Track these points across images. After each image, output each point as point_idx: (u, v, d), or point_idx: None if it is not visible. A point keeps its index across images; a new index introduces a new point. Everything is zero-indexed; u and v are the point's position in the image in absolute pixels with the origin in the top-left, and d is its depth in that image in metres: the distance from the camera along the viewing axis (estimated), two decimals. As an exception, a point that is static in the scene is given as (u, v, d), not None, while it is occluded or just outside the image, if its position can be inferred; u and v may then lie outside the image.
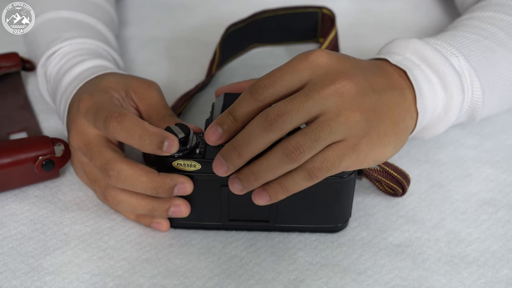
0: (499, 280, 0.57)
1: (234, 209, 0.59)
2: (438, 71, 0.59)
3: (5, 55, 0.74)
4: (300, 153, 0.51)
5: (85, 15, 0.73)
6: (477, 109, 0.63)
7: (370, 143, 0.53)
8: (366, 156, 0.54)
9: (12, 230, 0.61)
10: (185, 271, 0.57)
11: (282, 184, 0.53)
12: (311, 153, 0.51)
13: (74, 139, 0.59)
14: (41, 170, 0.62)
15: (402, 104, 0.56)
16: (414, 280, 0.57)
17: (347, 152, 0.52)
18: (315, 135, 0.51)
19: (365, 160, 0.54)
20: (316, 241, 0.60)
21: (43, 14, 0.72)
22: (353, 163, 0.53)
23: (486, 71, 0.63)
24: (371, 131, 0.53)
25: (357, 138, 0.53)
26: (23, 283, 0.56)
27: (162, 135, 0.54)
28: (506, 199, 0.64)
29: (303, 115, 0.51)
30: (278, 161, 0.51)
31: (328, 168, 0.52)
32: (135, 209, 0.58)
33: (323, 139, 0.51)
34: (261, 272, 0.57)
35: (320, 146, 0.51)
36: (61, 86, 0.65)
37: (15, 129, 0.71)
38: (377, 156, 0.55)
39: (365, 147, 0.53)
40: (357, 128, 0.52)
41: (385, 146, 0.55)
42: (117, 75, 0.63)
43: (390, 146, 0.55)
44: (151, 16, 0.90)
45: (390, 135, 0.55)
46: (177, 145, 0.55)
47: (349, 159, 0.53)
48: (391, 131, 0.55)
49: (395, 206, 0.63)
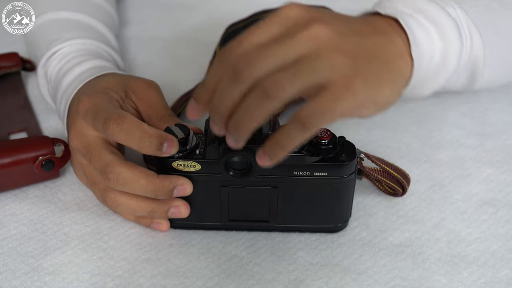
0: (499, 280, 0.57)
1: (234, 209, 0.59)
2: (434, 19, 0.57)
3: (5, 55, 0.75)
4: (278, 87, 0.46)
5: (85, 16, 0.73)
6: (478, 66, 0.61)
7: (366, 82, 0.49)
8: (365, 97, 0.49)
9: (12, 230, 0.61)
10: (185, 271, 0.57)
11: (278, 141, 0.49)
12: (292, 89, 0.47)
13: (73, 141, 0.59)
14: (41, 170, 0.62)
15: (390, 48, 0.54)
16: (414, 280, 0.57)
17: (341, 94, 0.48)
18: (293, 69, 0.47)
19: (364, 103, 0.49)
20: (316, 241, 0.60)
21: (43, 15, 0.73)
22: (351, 106, 0.48)
23: (485, 24, 0.61)
24: (363, 70, 0.49)
25: (347, 77, 0.48)
26: (23, 283, 0.56)
27: (161, 137, 0.54)
28: (506, 199, 0.64)
29: (275, 61, 0.47)
30: (256, 101, 0.47)
31: (323, 113, 0.47)
32: (135, 211, 0.58)
33: (304, 75, 0.47)
34: (261, 272, 0.57)
35: (301, 82, 0.47)
36: (61, 87, 0.65)
37: (15, 129, 0.71)
38: (376, 97, 0.50)
39: (360, 87, 0.48)
40: (343, 66, 0.48)
41: (382, 87, 0.51)
42: (116, 75, 0.63)
43: (387, 88, 0.51)
44: (151, 16, 0.90)
45: (384, 74, 0.51)
46: (176, 146, 0.54)
47: (346, 102, 0.48)
48: (383, 71, 0.51)
49: (395, 206, 0.63)
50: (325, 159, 0.55)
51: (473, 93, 0.77)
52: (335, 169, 0.56)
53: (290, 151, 0.49)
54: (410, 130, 0.72)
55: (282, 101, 0.47)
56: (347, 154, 0.56)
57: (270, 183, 0.57)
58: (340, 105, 0.48)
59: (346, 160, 0.56)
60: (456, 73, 0.62)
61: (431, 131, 0.72)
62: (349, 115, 0.50)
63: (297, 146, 0.49)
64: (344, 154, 0.56)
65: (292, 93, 0.47)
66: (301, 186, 0.57)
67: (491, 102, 0.76)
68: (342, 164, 0.56)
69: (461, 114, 0.74)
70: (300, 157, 0.55)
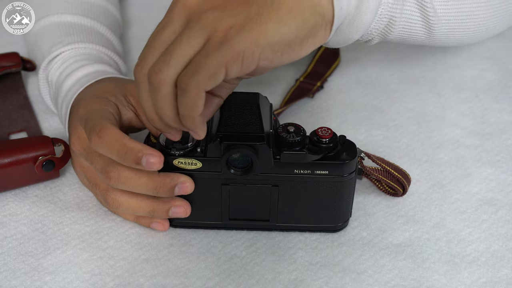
0: (499, 280, 0.57)
1: (234, 208, 0.59)
2: None
3: (6, 55, 0.74)
4: (156, 74, 0.48)
5: (89, 19, 0.73)
6: (425, 4, 0.57)
7: (242, 29, 0.47)
8: (244, 43, 0.47)
9: (12, 230, 0.61)
10: (185, 271, 0.57)
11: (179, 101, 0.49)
12: (169, 70, 0.48)
13: (74, 145, 0.59)
14: (41, 171, 0.62)
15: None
16: (414, 280, 0.57)
17: (213, 47, 0.47)
18: (167, 51, 0.48)
19: (245, 49, 0.47)
20: (316, 241, 0.60)
21: (46, 18, 0.72)
22: (228, 56, 0.47)
23: None
24: (239, 18, 0.47)
25: (221, 31, 0.47)
26: (23, 282, 0.56)
27: (140, 151, 0.53)
28: (506, 199, 0.64)
29: (158, 49, 0.49)
30: (150, 100, 0.51)
31: (194, 70, 0.47)
32: (136, 211, 0.58)
33: (176, 49, 0.47)
34: (261, 272, 0.57)
35: (176, 59, 0.47)
36: (62, 91, 0.65)
37: (15, 129, 0.71)
38: (257, 38, 0.47)
39: (235, 35, 0.47)
40: (214, 22, 0.47)
41: (261, 25, 0.47)
42: (115, 80, 0.63)
43: (271, 23, 0.47)
44: (151, 16, 0.90)
45: (267, 12, 0.47)
46: (160, 162, 0.53)
47: (219, 53, 0.46)
48: (267, 9, 0.47)
49: (395, 206, 0.63)
50: (326, 158, 0.56)
51: (473, 93, 0.77)
52: (336, 168, 0.56)
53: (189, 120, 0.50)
54: (410, 130, 0.72)
55: (167, 83, 0.48)
56: (347, 153, 0.56)
57: (271, 182, 0.57)
58: (213, 58, 0.46)
59: (347, 158, 0.56)
60: (394, 8, 0.56)
61: (431, 131, 0.72)
62: (238, 67, 0.47)
63: (192, 113, 0.49)
64: (345, 153, 0.56)
65: (170, 72, 0.48)
66: (301, 184, 0.57)
67: (491, 102, 0.76)
68: (342, 163, 0.56)
69: (461, 114, 0.74)
70: (301, 155, 0.55)
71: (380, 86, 0.79)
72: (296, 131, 0.55)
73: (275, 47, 0.48)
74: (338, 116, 0.74)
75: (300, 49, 0.49)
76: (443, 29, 0.60)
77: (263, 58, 0.48)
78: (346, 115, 0.74)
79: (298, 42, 0.49)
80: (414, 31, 0.60)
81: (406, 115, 0.74)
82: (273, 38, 0.47)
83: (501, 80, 0.80)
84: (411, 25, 0.59)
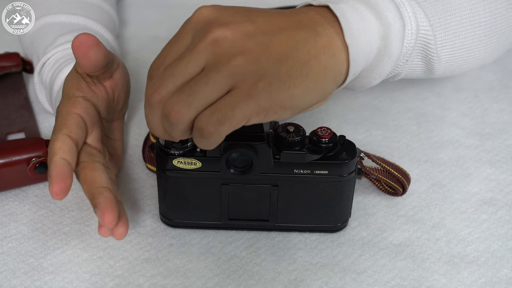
0: (499, 280, 0.57)
1: (234, 208, 0.59)
2: (369, 2, 0.53)
3: (6, 55, 0.74)
4: (176, 113, 0.46)
5: (83, 18, 0.73)
6: (430, 47, 0.57)
7: (270, 87, 0.47)
8: (269, 102, 0.47)
9: (12, 230, 0.61)
10: (185, 271, 0.57)
11: (198, 141, 0.48)
12: (189, 111, 0.46)
13: None
14: (34, 173, 0.61)
15: (311, 44, 0.49)
16: (414, 280, 0.57)
17: (240, 99, 0.46)
18: (189, 89, 0.46)
19: (270, 107, 0.47)
20: (316, 241, 0.60)
21: (41, 19, 0.72)
22: (254, 110, 0.46)
23: (431, 2, 0.57)
24: (268, 74, 0.47)
25: (249, 83, 0.46)
26: (23, 282, 0.56)
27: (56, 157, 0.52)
28: (506, 199, 0.64)
29: (173, 82, 0.47)
30: (160, 125, 0.48)
31: (220, 120, 0.46)
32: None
33: (200, 91, 0.46)
34: (261, 272, 0.57)
35: (199, 102, 0.46)
36: (53, 91, 0.65)
37: (13, 129, 0.71)
38: (283, 100, 0.47)
39: (263, 92, 0.46)
40: (243, 71, 0.46)
41: (290, 89, 0.47)
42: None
43: (298, 89, 0.48)
44: (151, 16, 0.90)
45: (295, 77, 0.48)
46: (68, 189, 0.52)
47: (246, 107, 0.46)
48: (296, 72, 0.48)
49: (395, 206, 0.63)
50: (326, 158, 0.56)
51: (473, 93, 0.77)
52: (335, 168, 0.56)
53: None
54: (410, 130, 0.72)
55: (184, 123, 0.47)
56: (347, 152, 0.56)
57: (271, 181, 0.57)
58: (239, 111, 0.46)
59: (347, 158, 0.56)
60: (405, 56, 0.57)
61: (431, 131, 0.72)
62: (258, 120, 0.48)
63: (210, 148, 0.48)
64: (344, 153, 0.56)
65: (191, 114, 0.46)
66: (301, 184, 0.57)
67: (491, 102, 0.76)
68: (342, 163, 0.56)
69: (461, 114, 0.74)
70: (300, 155, 0.55)
71: (380, 86, 0.79)
72: (295, 131, 0.55)
73: (295, 110, 0.49)
74: (338, 116, 0.74)
75: (310, 109, 0.51)
76: (443, 69, 0.62)
77: (283, 116, 0.49)
78: (346, 115, 0.74)
79: (313, 106, 0.51)
80: (414, 75, 0.62)
81: (406, 115, 0.74)
82: (297, 104, 0.49)
83: (501, 80, 0.80)
84: (413, 72, 0.61)
